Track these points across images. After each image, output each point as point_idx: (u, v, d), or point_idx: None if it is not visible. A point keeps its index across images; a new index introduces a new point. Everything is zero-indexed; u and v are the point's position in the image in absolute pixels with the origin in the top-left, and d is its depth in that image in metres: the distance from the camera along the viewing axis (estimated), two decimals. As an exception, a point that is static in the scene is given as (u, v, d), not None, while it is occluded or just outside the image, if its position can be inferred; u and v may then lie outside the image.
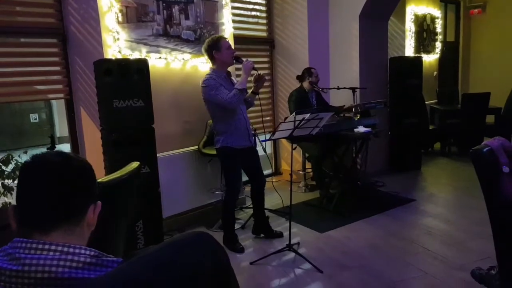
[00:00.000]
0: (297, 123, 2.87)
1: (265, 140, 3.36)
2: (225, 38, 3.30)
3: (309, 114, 2.89)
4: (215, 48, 3.18)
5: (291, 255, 3.16)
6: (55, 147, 3.27)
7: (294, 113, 3.01)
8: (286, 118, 3.06)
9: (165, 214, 3.65)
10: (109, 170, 3.19)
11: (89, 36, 3.41)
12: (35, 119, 11.42)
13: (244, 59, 3.22)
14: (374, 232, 3.60)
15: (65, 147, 5.04)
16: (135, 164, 1.94)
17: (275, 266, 3.05)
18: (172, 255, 0.96)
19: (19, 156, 3.25)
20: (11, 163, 3.25)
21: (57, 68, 3.53)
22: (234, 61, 3.27)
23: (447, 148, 6.50)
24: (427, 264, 2.96)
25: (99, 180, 1.69)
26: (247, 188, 3.97)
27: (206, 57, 3.34)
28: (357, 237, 3.52)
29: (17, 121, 10.91)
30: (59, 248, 0.90)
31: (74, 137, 3.70)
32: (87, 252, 0.92)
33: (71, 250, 0.91)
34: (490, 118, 6.39)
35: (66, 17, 3.46)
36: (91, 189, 1.02)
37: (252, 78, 3.33)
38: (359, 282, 2.77)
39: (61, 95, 3.63)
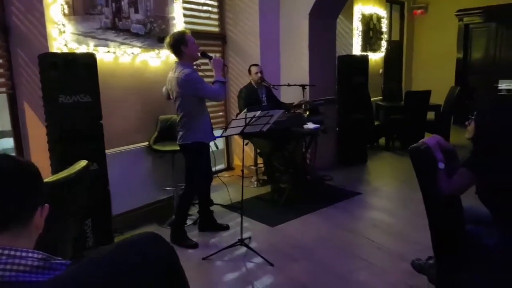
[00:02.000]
0: (248, 120, 2.93)
1: (218, 137, 3.39)
2: (189, 33, 3.28)
3: (260, 112, 2.95)
4: (182, 43, 3.16)
5: (243, 249, 3.22)
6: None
7: (245, 110, 3.07)
8: (237, 114, 3.12)
9: (115, 212, 3.59)
10: (54, 167, 3.09)
11: (33, 28, 3.25)
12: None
13: (212, 55, 3.30)
14: (323, 225, 3.75)
15: (7, 142, 4.78)
16: (83, 163, 1.91)
17: (227, 261, 3.11)
18: (124, 257, 0.98)
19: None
20: None
21: (-1, 60, 3.35)
22: (201, 55, 3.29)
23: (391, 143, 6.84)
24: (372, 255, 3.14)
25: (47, 179, 1.66)
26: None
27: (170, 52, 3.27)
28: (306, 230, 3.65)
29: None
30: (6, 251, 0.89)
31: (18, 133, 3.52)
32: (35, 255, 0.92)
33: (18, 253, 0.90)
34: (430, 115, 6.80)
35: (8, 7, 3.27)
36: (38, 192, 1.02)
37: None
38: (309, 274, 2.89)
39: (3, 89, 3.43)
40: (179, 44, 3.17)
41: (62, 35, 3.25)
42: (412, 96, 6.46)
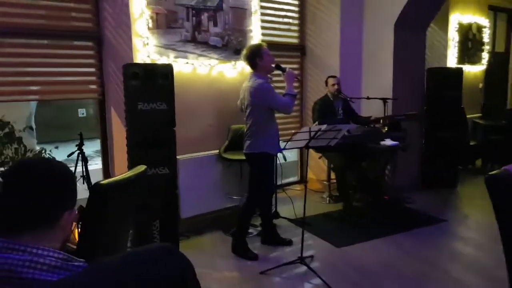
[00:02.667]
0: (312, 133, 2.84)
1: (283, 149, 3.34)
2: (264, 45, 3.36)
3: (325, 126, 2.84)
4: (258, 55, 3.24)
5: (303, 268, 3.10)
6: (83, 144, 3.42)
7: (315, 123, 2.99)
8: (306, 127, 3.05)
9: (183, 215, 3.74)
10: (131, 168, 3.31)
11: (121, 41, 3.55)
12: (83, 114, 12.02)
13: (285, 67, 3.33)
14: (395, 252, 3.45)
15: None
16: (141, 167, 2.01)
17: (284, 278, 3.02)
18: (133, 266, 0.98)
19: (50, 151, 3.45)
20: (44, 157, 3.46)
21: (92, 69, 3.71)
22: (275, 68, 3.34)
23: (489, 165, 6.15)
24: (445, 290, 2.82)
25: (109, 180, 1.77)
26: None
27: (246, 63, 3.38)
28: (376, 255, 3.40)
29: (66, 115, 11.54)
30: (28, 249, 0.95)
31: (104, 136, 3.87)
32: (55, 255, 0.97)
33: (39, 252, 0.95)
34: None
35: (102, 21, 3.62)
36: (67, 195, 1.07)
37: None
38: (368, 302, 2.69)
39: (95, 95, 3.80)
40: (254, 56, 3.24)
41: (146, 47, 3.49)
42: (515, 115, 5.74)
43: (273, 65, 3.33)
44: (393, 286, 2.90)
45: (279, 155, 3.48)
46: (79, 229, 1.77)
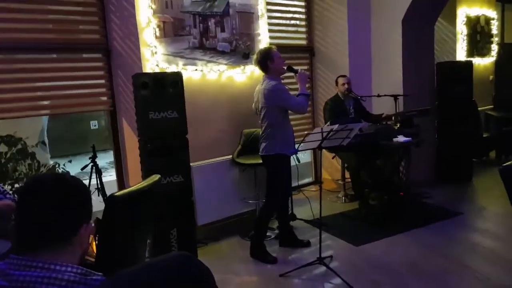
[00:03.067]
0: (325, 134, 2.82)
1: (297, 151, 3.33)
2: (274, 48, 3.38)
3: (337, 125, 2.83)
4: (269, 58, 3.27)
5: (322, 268, 3.09)
6: (97, 157, 3.45)
7: (327, 123, 2.98)
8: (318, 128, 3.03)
9: (199, 222, 3.74)
10: (145, 177, 3.32)
11: (130, 51, 3.58)
12: (95, 126, 12.13)
13: (297, 69, 3.35)
14: (414, 248, 3.43)
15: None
16: (155, 177, 2.02)
17: (304, 280, 3.01)
18: (153, 277, 0.98)
19: (64, 165, 3.48)
20: (58, 171, 3.49)
21: (102, 81, 3.74)
22: (287, 69, 3.36)
23: (503, 157, 6.06)
24: (466, 284, 2.79)
25: (123, 191, 1.78)
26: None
27: (258, 67, 3.39)
28: (394, 252, 3.38)
29: (78, 128, 11.65)
30: (46, 265, 0.95)
31: (117, 146, 3.89)
32: (74, 270, 0.97)
33: (57, 267, 0.95)
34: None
35: (110, 33, 3.66)
36: (84, 210, 1.07)
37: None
38: (391, 300, 2.66)
39: (105, 107, 3.84)
40: (265, 60, 3.27)
41: (154, 56, 3.52)
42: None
43: (285, 67, 3.34)
44: (414, 282, 2.87)
45: (293, 157, 3.45)
46: (97, 242, 1.77)
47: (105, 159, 8.87)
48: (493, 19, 6.92)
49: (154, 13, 3.51)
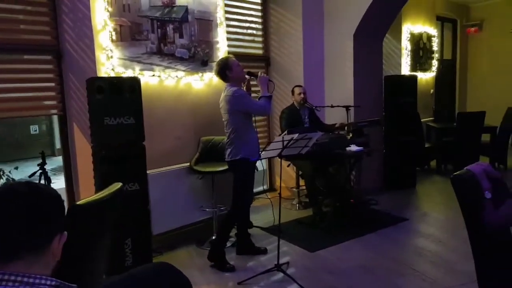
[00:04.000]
0: (285, 143, 2.88)
1: (259, 158, 3.37)
2: (232, 57, 3.42)
3: (297, 134, 2.90)
4: (227, 68, 3.30)
5: (280, 275, 3.13)
6: (46, 163, 3.28)
7: (284, 132, 3.05)
8: (279, 136, 3.09)
9: (155, 231, 3.65)
10: (98, 186, 3.20)
11: (83, 54, 3.45)
12: (35, 130, 11.49)
13: (258, 72, 3.39)
14: (365, 252, 3.58)
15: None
16: (117, 185, 1.96)
17: (262, 287, 3.03)
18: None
19: (9, 172, 3.27)
20: (2, 178, 3.28)
21: (52, 84, 3.57)
22: (248, 76, 3.42)
23: (443, 166, 6.50)
24: (414, 286, 2.94)
25: (81, 201, 1.71)
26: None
27: (219, 78, 3.44)
28: (347, 257, 3.50)
29: (17, 133, 10.98)
30: (19, 278, 0.91)
31: (67, 152, 3.72)
32: (48, 282, 0.93)
33: (31, 280, 0.91)
34: (486, 137, 6.41)
35: (61, 34, 3.51)
36: (57, 220, 1.03)
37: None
38: (346, 304, 2.75)
39: (55, 111, 3.66)
40: (224, 70, 3.31)
41: (110, 60, 3.41)
42: (465, 118, 6.12)
43: (245, 74, 3.40)
44: (366, 285, 3.00)
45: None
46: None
47: (48, 165, 8.40)
48: (434, 36, 7.43)
49: (110, 16, 3.40)
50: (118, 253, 3.16)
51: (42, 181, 3.27)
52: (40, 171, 3.27)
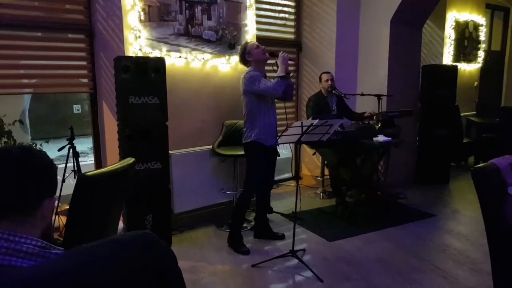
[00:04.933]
0: (305, 128, 2.83)
1: (272, 144, 3.33)
2: (249, 42, 3.42)
3: (317, 120, 2.84)
4: (245, 53, 3.31)
5: (295, 261, 3.11)
6: (74, 138, 3.40)
7: (310, 119, 2.99)
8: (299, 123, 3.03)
9: (176, 210, 3.73)
10: (122, 163, 3.29)
11: (113, 33, 3.53)
12: (78, 110, 11.96)
13: (280, 52, 3.30)
14: (385, 245, 3.48)
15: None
16: (129, 160, 2.00)
17: (276, 271, 3.02)
18: (114, 254, 0.97)
19: (40, 145, 3.42)
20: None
21: (84, 63, 3.68)
22: (269, 55, 3.34)
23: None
24: (434, 284, 2.83)
25: (90, 172, 1.76)
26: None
27: (243, 65, 3.44)
28: (367, 248, 3.42)
29: (61, 111, 11.48)
30: (5, 236, 0.94)
31: (96, 130, 3.85)
32: (33, 243, 0.96)
33: (16, 239, 0.94)
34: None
35: (94, 14, 3.60)
36: (47, 184, 1.05)
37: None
38: (358, 295, 2.69)
39: (86, 89, 3.78)
40: (243, 56, 3.33)
41: (138, 40, 3.46)
42: (509, 113, 5.76)
43: (267, 54, 3.32)
44: (382, 278, 2.91)
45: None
46: (66, 220, 1.75)
47: (87, 144, 8.76)
48: (481, 25, 7.01)
49: (140, -4, 3.45)
50: (139, 228, 3.25)
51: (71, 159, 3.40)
52: (69, 146, 3.40)
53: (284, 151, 5.17)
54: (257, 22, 4.38)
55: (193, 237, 3.67)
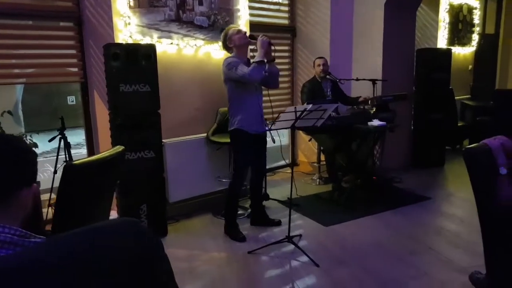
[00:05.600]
0: (298, 113, 2.80)
1: (266, 130, 3.30)
2: (231, 27, 3.33)
3: (311, 105, 2.81)
4: (227, 40, 3.26)
5: (291, 246, 3.11)
6: (65, 129, 3.35)
7: (304, 104, 2.96)
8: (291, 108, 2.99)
9: (172, 199, 3.71)
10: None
11: (102, 21, 3.46)
12: (72, 101, 11.85)
13: (259, 36, 3.21)
14: (381, 229, 3.49)
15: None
16: (119, 148, 1.97)
17: (272, 257, 3.03)
18: (96, 242, 0.94)
19: (31, 136, 3.38)
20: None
21: (73, 51, 3.62)
22: (250, 39, 3.25)
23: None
24: (430, 266, 2.84)
25: (77, 161, 1.73)
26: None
27: (225, 52, 3.40)
28: (362, 233, 3.43)
29: (55, 102, 11.37)
30: None
31: (88, 120, 3.80)
32: (12, 232, 0.93)
33: None
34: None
35: (82, 1, 3.52)
36: (25, 170, 1.02)
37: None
38: (354, 280, 2.69)
39: (77, 78, 3.72)
40: (225, 43, 3.29)
41: (128, 27, 3.40)
42: (502, 95, 5.75)
43: (248, 38, 3.24)
44: (378, 262, 2.92)
45: (269, 138, 3.44)
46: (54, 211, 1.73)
47: (82, 135, 8.69)
48: (475, 8, 6.96)
49: (129, -19, 3.38)
50: (133, 217, 3.23)
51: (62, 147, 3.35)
52: (60, 136, 3.35)
53: (282, 138, 5.16)
54: (250, 7, 4.32)
55: (189, 226, 3.66)
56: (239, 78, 3.12)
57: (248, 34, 3.28)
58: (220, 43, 3.34)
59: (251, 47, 3.33)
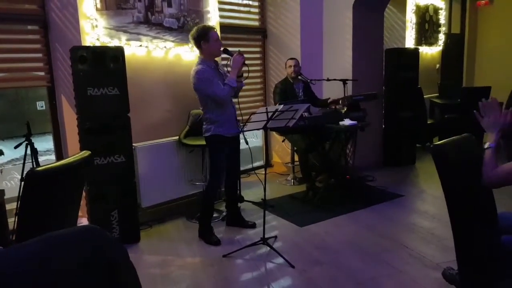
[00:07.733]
0: (270, 114, 2.80)
1: (240, 131, 3.29)
2: (214, 29, 3.26)
3: (282, 106, 2.81)
4: (203, 38, 3.14)
5: (266, 248, 3.10)
6: (31, 134, 3.24)
7: (276, 105, 2.96)
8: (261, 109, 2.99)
9: (144, 204, 3.65)
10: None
11: (68, 23, 3.37)
12: (42, 106, 11.50)
13: (234, 52, 3.18)
14: (355, 228, 3.53)
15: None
16: (85, 153, 1.91)
17: (247, 260, 3.01)
18: (53, 252, 0.91)
19: (-5, 142, 3.25)
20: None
21: (39, 55, 3.51)
22: (223, 52, 3.22)
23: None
24: (403, 262, 2.88)
25: (40, 168, 1.66)
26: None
27: (192, 44, 3.29)
28: (337, 232, 3.45)
29: (24, 109, 11.01)
30: None
31: (56, 125, 3.69)
32: None
33: None
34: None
35: (47, 3, 3.42)
36: None
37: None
38: (329, 279, 2.71)
39: (43, 82, 3.61)
40: (200, 39, 3.15)
41: (95, 30, 3.33)
42: (469, 93, 5.94)
43: (222, 49, 3.22)
44: (353, 260, 2.94)
45: (242, 139, 3.42)
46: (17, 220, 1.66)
47: (52, 141, 8.45)
48: (441, 9, 7.16)
49: (95, -17, 3.30)
50: (105, 225, 3.15)
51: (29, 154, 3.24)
52: (26, 142, 3.23)
53: (255, 140, 5.15)
54: (220, 9, 4.30)
55: (163, 231, 3.60)
56: (209, 95, 3.12)
57: (222, 48, 3.22)
58: (192, 40, 3.21)
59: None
